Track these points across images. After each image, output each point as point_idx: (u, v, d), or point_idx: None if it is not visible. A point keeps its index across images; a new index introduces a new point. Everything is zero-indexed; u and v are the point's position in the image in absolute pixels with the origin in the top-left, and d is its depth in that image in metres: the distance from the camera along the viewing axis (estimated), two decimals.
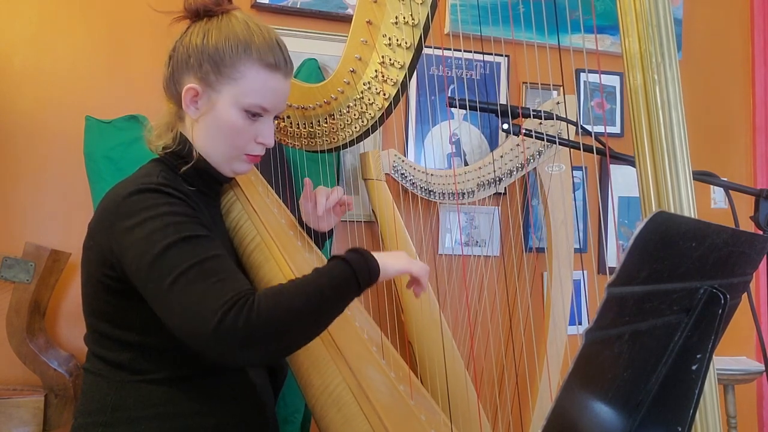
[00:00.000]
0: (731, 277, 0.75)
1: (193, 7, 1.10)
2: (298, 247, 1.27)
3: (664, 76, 0.96)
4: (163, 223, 0.95)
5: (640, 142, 0.99)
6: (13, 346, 1.60)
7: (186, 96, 1.08)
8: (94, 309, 1.06)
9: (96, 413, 1.04)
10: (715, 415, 0.96)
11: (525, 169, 1.96)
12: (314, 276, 0.98)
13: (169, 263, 0.92)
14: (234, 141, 1.10)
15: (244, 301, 0.89)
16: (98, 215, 1.03)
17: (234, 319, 0.87)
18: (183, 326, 0.90)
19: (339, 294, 0.99)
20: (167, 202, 0.98)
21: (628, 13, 0.98)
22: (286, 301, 0.93)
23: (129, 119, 1.69)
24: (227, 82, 1.07)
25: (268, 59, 1.08)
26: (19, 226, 1.74)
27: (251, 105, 1.08)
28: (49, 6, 1.77)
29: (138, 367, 1.03)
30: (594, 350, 0.60)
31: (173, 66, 1.11)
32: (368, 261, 1.02)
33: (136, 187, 0.99)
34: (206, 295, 0.89)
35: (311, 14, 1.95)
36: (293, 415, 1.66)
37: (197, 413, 1.05)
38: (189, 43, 1.09)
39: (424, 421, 1.14)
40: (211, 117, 1.08)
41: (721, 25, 2.51)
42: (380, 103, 1.26)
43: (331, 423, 1.09)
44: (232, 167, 1.13)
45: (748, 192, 1.18)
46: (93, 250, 1.03)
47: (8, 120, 1.74)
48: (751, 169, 2.52)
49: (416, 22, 1.17)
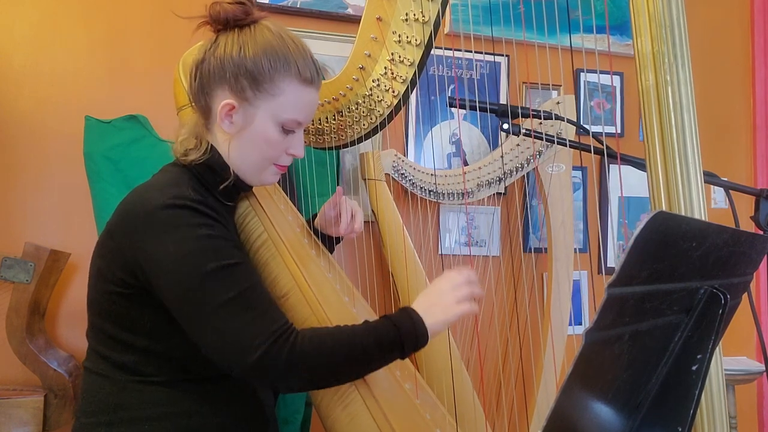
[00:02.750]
0: (731, 277, 0.75)
1: (221, 16, 1.06)
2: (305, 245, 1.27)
3: (676, 76, 0.95)
4: (202, 245, 0.95)
5: (651, 143, 0.98)
6: (13, 346, 1.60)
7: (222, 111, 1.06)
8: (102, 309, 1.04)
9: (98, 413, 1.03)
10: (722, 416, 0.96)
11: (525, 169, 1.96)
12: (361, 331, 1.00)
13: (210, 290, 0.93)
14: (267, 154, 1.09)
15: (286, 337, 0.94)
16: (122, 218, 1.01)
17: (277, 352, 0.92)
18: (222, 353, 0.94)
19: (381, 356, 1.01)
20: (205, 223, 0.97)
21: (641, 14, 0.97)
22: (329, 349, 0.97)
23: (129, 119, 1.69)
24: (265, 97, 1.05)
25: (305, 74, 1.07)
26: (19, 226, 1.74)
27: (289, 120, 1.07)
28: (49, 6, 1.78)
29: (141, 369, 1.03)
30: (594, 351, 0.60)
31: (203, 77, 1.07)
32: (417, 328, 1.02)
33: (170, 199, 0.97)
34: (250, 326, 0.93)
35: (311, 14, 1.95)
36: (293, 415, 1.66)
37: (199, 413, 1.05)
38: (223, 55, 1.05)
39: (429, 419, 1.14)
40: (249, 131, 1.07)
41: (721, 25, 2.51)
42: (389, 100, 1.26)
43: (337, 421, 1.09)
44: (261, 178, 1.13)
45: (748, 192, 1.19)
46: (112, 252, 1.01)
47: (8, 120, 1.74)
48: (751, 169, 2.52)
49: (427, 19, 1.16)
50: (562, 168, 1.98)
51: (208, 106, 1.08)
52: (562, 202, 1.98)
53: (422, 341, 1.02)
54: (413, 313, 1.03)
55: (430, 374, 1.66)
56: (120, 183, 1.62)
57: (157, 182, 1.05)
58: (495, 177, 1.93)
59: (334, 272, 1.29)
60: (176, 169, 1.09)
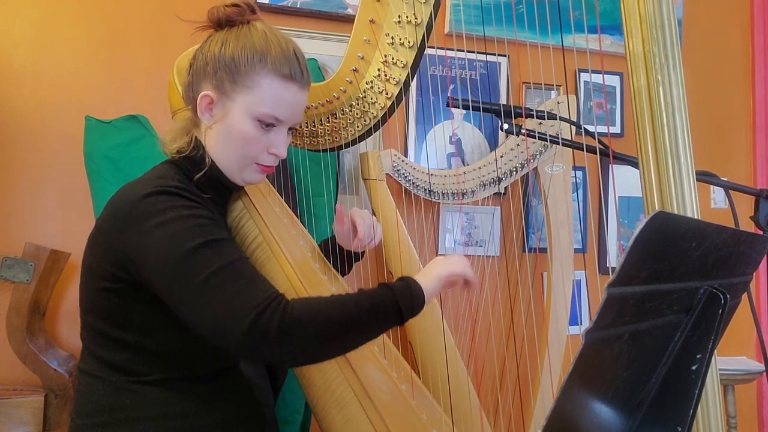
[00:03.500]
0: (731, 277, 0.75)
1: (215, 16, 1.11)
2: (301, 247, 1.27)
3: (667, 77, 0.96)
4: (186, 225, 0.96)
5: (643, 143, 0.98)
6: (13, 346, 1.60)
7: (201, 103, 1.09)
8: (94, 306, 1.05)
9: (94, 414, 1.03)
10: (717, 415, 0.96)
11: (525, 169, 1.96)
12: (355, 296, 1.00)
13: (197, 264, 0.93)
14: (245, 150, 1.10)
15: (278, 302, 0.92)
16: (110, 213, 1.02)
17: (269, 318, 0.90)
18: (215, 325, 0.92)
19: (377, 319, 0.99)
20: (187, 204, 0.99)
21: (632, 14, 0.97)
22: (322, 314, 0.95)
23: (129, 119, 1.69)
24: (241, 90, 1.07)
25: (283, 70, 1.08)
26: (19, 226, 1.74)
27: (264, 114, 1.08)
28: (49, 6, 1.78)
29: (134, 368, 1.03)
30: (594, 350, 0.60)
31: (192, 73, 1.11)
32: (410, 286, 1.03)
33: (153, 188, 0.99)
34: (239, 294, 0.92)
35: (311, 14, 1.95)
36: (293, 415, 1.66)
37: (195, 413, 1.05)
38: (207, 51, 1.09)
39: (426, 420, 1.14)
40: (224, 125, 1.09)
41: (721, 25, 2.51)
42: (383, 102, 1.26)
43: (333, 422, 1.09)
44: (243, 176, 1.13)
45: (748, 192, 1.19)
46: (102, 248, 1.02)
47: (8, 120, 1.74)
48: (751, 169, 2.52)
49: (419, 21, 1.17)
50: (561, 168, 1.98)
51: (195, 101, 1.11)
52: (562, 202, 1.98)
53: (418, 301, 1.02)
54: (406, 277, 1.05)
55: (430, 374, 1.66)
56: (120, 183, 1.60)
57: (144, 177, 1.07)
58: (494, 177, 1.93)
59: (330, 274, 1.29)
60: (164, 165, 1.11)
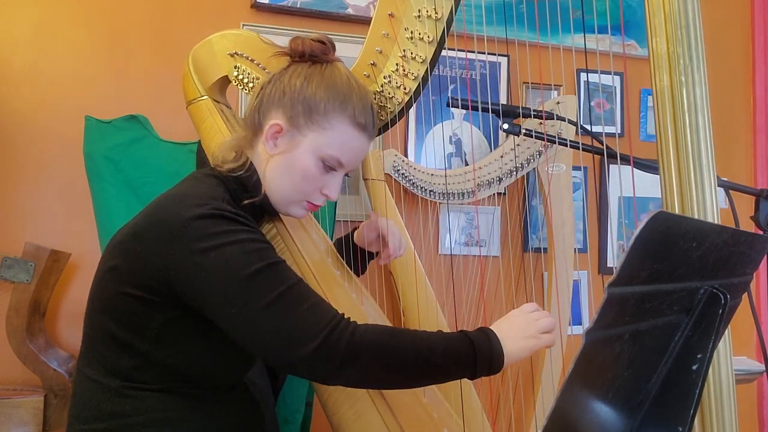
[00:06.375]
0: (731, 277, 0.75)
1: (300, 49, 1.12)
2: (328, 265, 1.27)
3: (691, 78, 0.94)
4: (244, 249, 0.95)
5: (665, 145, 0.96)
6: (13, 346, 1.60)
7: (269, 130, 1.09)
8: (109, 307, 1.02)
9: (93, 420, 1.01)
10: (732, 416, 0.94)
11: (525, 169, 1.96)
12: (432, 335, 0.99)
13: (259, 288, 0.93)
14: (301, 186, 1.10)
15: (345, 324, 0.94)
16: (153, 224, 0.99)
17: (335, 344, 0.91)
18: (278, 347, 0.92)
19: (448, 366, 0.97)
20: (244, 229, 0.98)
21: (657, 14, 0.96)
22: (393, 344, 0.95)
23: (129, 119, 1.69)
24: (315, 128, 1.08)
25: (359, 119, 1.09)
26: (19, 226, 1.74)
27: (330, 157, 1.08)
28: (49, 6, 1.77)
29: (135, 376, 1.01)
30: (594, 350, 0.60)
31: (263, 98, 1.11)
32: (493, 348, 0.98)
33: (208, 210, 0.96)
34: (304, 319, 0.92)
35: (311, 14, 1.95)
36: (293, 415, 1.66)
37: (196, 420, 1.04)
38: (288, 82, 1.10)
39: (437, 419, 1.14)
40: (288, 157, 1.09)
41: (721, 25, 2.51)
42: (400, 97, 1.25)
43: (344, 418, 1.09)
44: (288, 209, 1.14)
45: (748, 192, 1.19)
46: (137, 255, 0.98)
47: (8, 120, 1.74)
48: (751, 169, 2.51)
49: (439, 16, 1.17)
50: (562, 168, 1.98)
51: (260, 124, 1.11)
52: (562, 202, 1.98)
53: (497, 364, 0.98)
54: (491, 333, 0.99)
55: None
56: (120, 183, 1.62)
57: (194, 191, 1.04)
58: (495, 177, 1.93)
59: (359, 294, 1.28)
60: (210, 180, 1.09)
